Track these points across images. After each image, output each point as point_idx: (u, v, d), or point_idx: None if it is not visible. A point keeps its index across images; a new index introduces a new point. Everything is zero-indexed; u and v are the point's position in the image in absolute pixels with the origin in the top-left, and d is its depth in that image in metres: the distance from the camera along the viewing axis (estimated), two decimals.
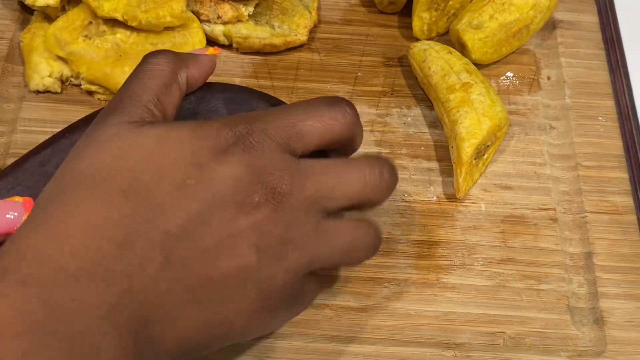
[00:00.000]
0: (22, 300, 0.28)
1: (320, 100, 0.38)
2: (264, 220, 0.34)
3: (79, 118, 0.43)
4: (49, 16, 0.54)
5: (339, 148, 0.39)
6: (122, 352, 0.30)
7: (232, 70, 0.55)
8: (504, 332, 0.45)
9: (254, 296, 0.34)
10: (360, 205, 0.38)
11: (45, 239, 0.31)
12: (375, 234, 0.39)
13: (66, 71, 0.53)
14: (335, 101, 0.38)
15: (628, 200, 0.50)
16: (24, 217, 0.34)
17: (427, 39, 0.57)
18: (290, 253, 0.35)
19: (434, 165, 0.52)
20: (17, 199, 0.35)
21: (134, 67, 0.39)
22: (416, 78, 0.55)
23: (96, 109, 0.42)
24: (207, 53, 0.42)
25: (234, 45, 0.56)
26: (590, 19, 0.59)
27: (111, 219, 0.31)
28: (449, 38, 0.56)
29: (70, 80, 0.53)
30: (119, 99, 0.37)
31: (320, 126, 0.36)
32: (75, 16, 0.53)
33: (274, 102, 0.44)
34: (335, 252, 0.37)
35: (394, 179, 0.39)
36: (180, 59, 0.39)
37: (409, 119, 0.54)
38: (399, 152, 0.52)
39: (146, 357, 0.31)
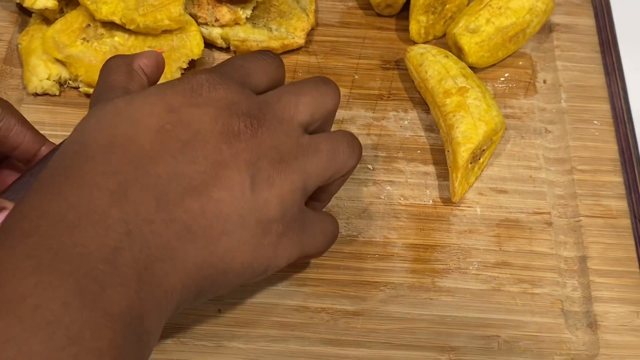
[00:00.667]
0: (28, 248, 0.30)
1: (258, 52, 0.43)
2: (246, 146, 0.36)
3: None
4: (47, 19, 0.54)
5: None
6: (126, 291, 0.31)
7: None
8: (499, 336, 0.46)
9: (251, 226, 0.35)
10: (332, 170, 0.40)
11: (43, 199, 0.32)
12: (350, 136, 0.42)
13: (64, 74, 0.53)
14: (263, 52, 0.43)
15: (622, 204, 0.51)
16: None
17: (424, 42, 0.57)
18: (280, 175, 0.36)
19: (430, 169, 0.52)
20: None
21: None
22: (413, 81, 0.55)
23: None
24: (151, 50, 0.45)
25: (232, 48, 0.56)
26: (587, 22, 0.60)
27: (102, 172, 0.33)
28: (445, 41, 0.56)
29: (69, 83, 0.53)
30: (95, 96, 0.39)
31: (262, 64, 0.41)
32: (73, 19, 0.53)
33: None
34: (321, 162, 0.39)
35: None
36: (127, 56, 0.42)
37: (406, 122, 0.54)
38: (395, 155, 0.52)
39: (152, 296, 0.32)
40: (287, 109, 0.38)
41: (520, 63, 0.57)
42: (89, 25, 0.53)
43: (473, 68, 0.54)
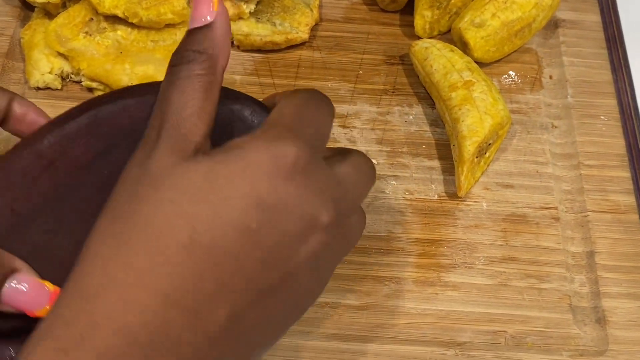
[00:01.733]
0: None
1: (314, 95, 0.36)
2: (327, 238, 0.32)
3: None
4: (49, 13, 0.54)
5: None
6: None
7: (233, 67, 0.55)
8: (506, 331, 0.45)
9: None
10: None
11: (116, 303, 0.28)
12: (365, 157, 0.37)
13: (67, 68, 0.52)
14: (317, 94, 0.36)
15: (630, 200, 0.50)
16: (47, 308, 0.33)
17: (429, 38, 0.57)
18: (346, 246, 0.34)
19: (436, 163, 0.51)
20: (48, 285, 0.34)
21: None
22: (418, 76, 0.55)
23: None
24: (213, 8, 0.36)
25: (235, 42, 0.55)
26: (593, 18, 0.59)
27: (177, 280, 0.29)
28: (450, 37, 0.56)
29: (71, 77, 0.53)
30: (159, 120, 0.32)
31: (328, 116, 0.35)
32: (76, 13, 0.53)
33: (248, 106, 0.38)
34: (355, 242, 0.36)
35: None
36: (213, 47, 0.33)
37: (411, 117, 0.53)
38: (400, 150, 0.52)
39: None
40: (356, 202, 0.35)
41: (527, 58, 0.57)
42: (92, 19, 0.53)
43: (479, 63, 0.54)
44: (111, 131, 0.35)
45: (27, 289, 0.33)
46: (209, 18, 0.33)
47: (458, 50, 0.53)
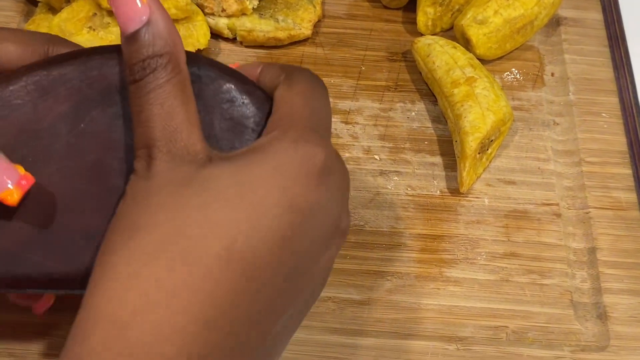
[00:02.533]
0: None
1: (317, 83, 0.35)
2: (343, 241, 0.33)
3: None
4: (53, 8, 0.54)
5: None
6: None
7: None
8: (507, 327, 0.45)
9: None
10: None
11: (151, 331, 0.26)
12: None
13: None
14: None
15: (632, 196, 0.50)
16: (14, 193, 0.31)
17: (432, 35, 0.57)
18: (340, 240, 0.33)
19: (438, 159, 0.51)
20: (19, 168, 0.31)
21: None
22: (420, 73, 0.55)
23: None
24: None
25: (238, 38, 0.56)
26: (595, 16, 0.59)
27: (216, 298, 0.27)
28: (453, 34, 0.56)
29: None
30: (145, 141, 0.30)
31: (329, 108, 0.35)
32: (79, 8, 0.53)
33: (244, 85, 0.35)
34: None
35: None
36: (166, 44, 0.31)
37: (413, 113, 0.54)
38: (402, 146, 0.52)
39: None
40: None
41: (529, 56, 0.57)
42: (95, 13, 0.53)
43: (481, 60, 0.54)
44: (90, 88, 0.34)
45: None
46: (144, 18, 0.30)
47: (460, 47, 0.53)
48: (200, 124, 0.31)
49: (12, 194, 0.30)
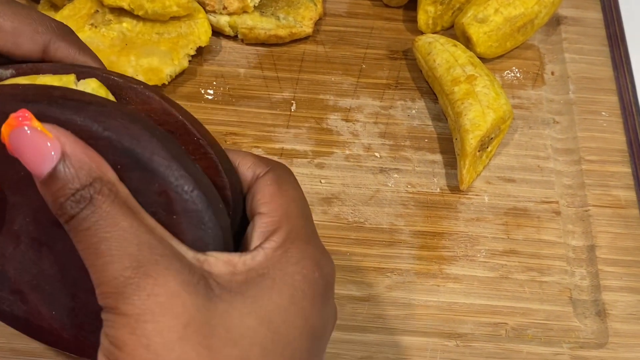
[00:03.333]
0: None
1: None
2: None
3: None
4: (55, 5, 0.54)
5: None
6: None
7: (237, 61, 0.55)
8: (506, 323, 0.45)
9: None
10: None
11: None
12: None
13: None
14: None
15: (631, 195, 0.50)
16: None
17: (432, 33, 0.57)
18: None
19: (438, 157, 0.52)
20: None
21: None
22: (421, 71, 0.55)
23: None
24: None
25: (239, 36, 0.56)
26: (594, 15, 0.59)
27: None
28: (453, 32, 0.56)
29: None
30: (110, 278, 0.26)
31: None
32: (81, 5, 0.53)
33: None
34: None
35: None
36: (91, 170, 0.27)
37: (413, 111, 0.54)
38: (402, 144, 0.52)
39: None
40: None
41: (529, 55, 0.57)
42: (97, 11, 0.53)
43: (481, 59, 0.54)
44: None
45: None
46: (54, 154, 0.26)
47: (461, 45, 0.54)
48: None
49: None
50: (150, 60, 0.52)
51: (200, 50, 0.54)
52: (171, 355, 0.26)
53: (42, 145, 0.26)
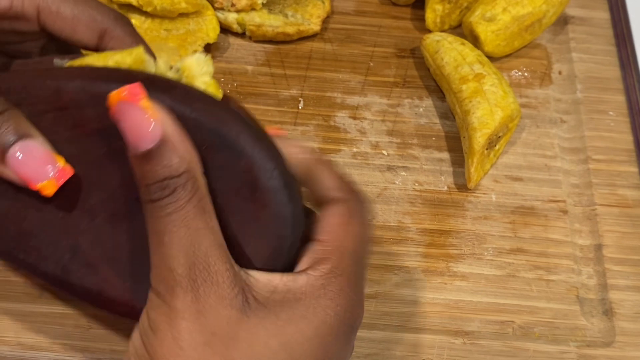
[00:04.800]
0: None
1: None
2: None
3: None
4: None
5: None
6: None
7: (244, 58, 0.55)
8: (513, 321, 0.45)
9: None
10: None
11: None
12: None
13: None
14: None
15: (638, 194, 0.50)
16: (52, 184, 0.31)
17: (440, 31, 0.57)
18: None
19: (445, 155, 0.52)
20: (59, 160, 0.31)
21: None
22: (428, 70, 0.55)
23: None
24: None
25: (247, 33, 0.56)
26: (602, 15, 0.59)
27: None
28: (461, 31, 0.56)
29: None
30: (166, 268, 0.28)
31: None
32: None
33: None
34: None
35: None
36: (183, 161, 0.29)
37: (421, 109, 0.54)
38: (410, 142, 0.52)
39: None
40: None
41: (536, 54, 0.57)
42: None
43: (489, 58, 0.54)
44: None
45: (35, 157, 0.31)
46: (156, 136, 0.28)
47: (469, 44, 0.54)
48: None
49: (51, 185, 0.31)
50: (158, 56, 0.52)
51: (208, 47, 0.54)
52: (193, 354, 0.28)
53: (145, 124, 0.28)
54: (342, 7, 0.59)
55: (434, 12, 0.56)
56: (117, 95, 0.28)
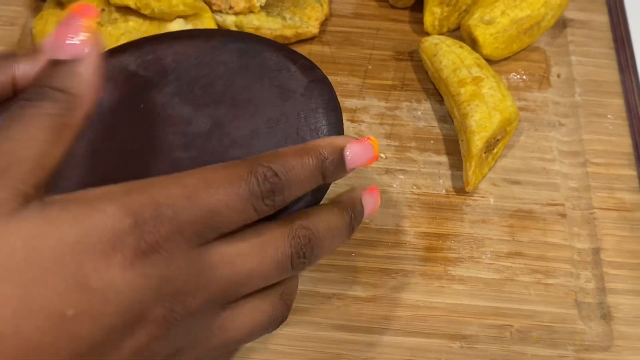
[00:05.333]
0: None
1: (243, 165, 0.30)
2: (154, 342, 0.28)
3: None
4: (62, 3, 0.54)
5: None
6: None
7: None
8: (511, 325, 0.45)
9: None
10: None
11: None
12: (280, 308, 0.33)
13: None
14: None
15: (636, 198, 0.50)
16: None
17: (438, 34, 0.57)
18: None
19: (443, 159, 0.52)
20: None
21: None
22: (426, 73, 0.55)
23: None
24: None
25: None
26: (601, 18, 0.59)
27: None
28: (459, 34, 0.56)
29: None
30: None
31: (238, 208, 0.29)
32: (88, 3, 0.53)
33: (290, 55, 0.38)
34: (231, 343, 0.31)
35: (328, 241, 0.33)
36: (78, 87, 0.29)
37: (419, 112, 0.54)
38: (408, 145, 0.52)
39: None
40: (227, 290, 0.30)
41: (535, 57, 0.57)
42: (103, 9, 0.53)
43: (487, 61, 0.54)
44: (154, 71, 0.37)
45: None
46: (79, 51, 0.29)
47: (467, 47, 0.53)
48: (52, 174, 0.28)
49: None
50: None
51: None
52: None
53: (74, 37, 0.29)
54: (340, 9, 0.59)
55: (432, 15, 0.56)
56: (76, 6, 0.29)
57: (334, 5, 0.59)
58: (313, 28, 0.56)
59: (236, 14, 0.55)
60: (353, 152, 0.33)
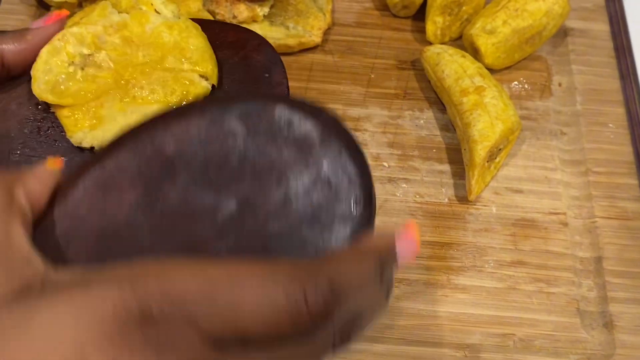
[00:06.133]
0: None
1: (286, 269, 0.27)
2: None
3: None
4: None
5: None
6: None
7: None
8: (514, 334, 0.45)
9: None
10: None
11: None
12: None
13: None
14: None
15: (638, 206, 0.51)
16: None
17: (440, 44, 0.57)
18: None
19: (446, 167, 0.52)
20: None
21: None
22: (429, 81, 0.55)
23: None
24: (47, 165, 0.32)
25: None
26: (602, 27, 0.60)
27: None
28: (461, 43, 0.57)
29: None
30: None
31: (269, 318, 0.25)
32: (91, 11, 0.53)
33: (294, 103, 0.35)
34: None
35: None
36: (9, 175, 0.29)
37: (422, 121, 0.54)
38: (410, 154, 0.52)
39: None
40: None
41: (536, 66, 0.57)
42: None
43: (489, 70, 0.54)
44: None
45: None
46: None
47: (469, 56, 0.54)
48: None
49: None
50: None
51: None
52: None
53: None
54: (343, 19, 0.59)
55: (434, 25, 0.56)
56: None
57: (336, 15, 0.59)
58: (316, 37, 0.56)
59: (240, 23, 0.55)
60: (402, 250, 0.31)
